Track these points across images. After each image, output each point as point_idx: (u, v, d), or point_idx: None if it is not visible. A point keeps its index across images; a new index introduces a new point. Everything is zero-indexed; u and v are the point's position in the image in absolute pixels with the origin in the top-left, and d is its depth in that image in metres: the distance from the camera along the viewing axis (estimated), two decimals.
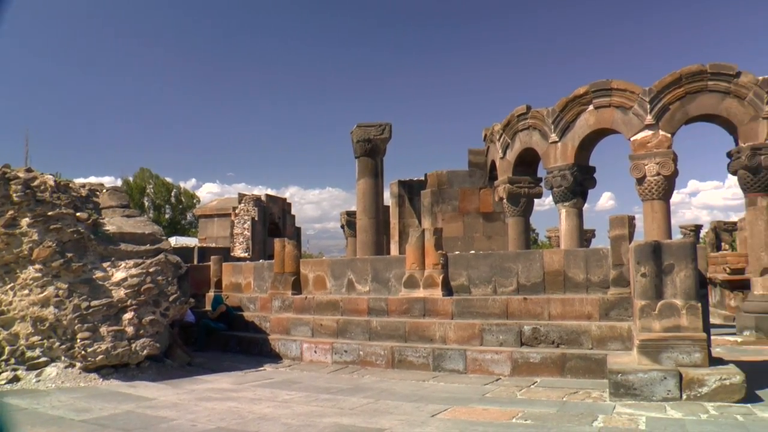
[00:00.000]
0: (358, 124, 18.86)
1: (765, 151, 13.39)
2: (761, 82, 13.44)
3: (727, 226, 36.45)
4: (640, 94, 14.21)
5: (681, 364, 7.28)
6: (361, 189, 18.88)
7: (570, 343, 9.36)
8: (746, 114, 13.59)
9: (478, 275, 10.95)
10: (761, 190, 13.66)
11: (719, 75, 13.74)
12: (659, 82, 14.13)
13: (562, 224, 15.75)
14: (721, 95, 13.79)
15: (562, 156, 15.43)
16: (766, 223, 13.64)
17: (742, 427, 5.91)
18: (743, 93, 13.56)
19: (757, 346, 12.35)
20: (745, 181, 13.76)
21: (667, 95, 14.03)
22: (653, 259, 7.66)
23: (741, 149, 13.70)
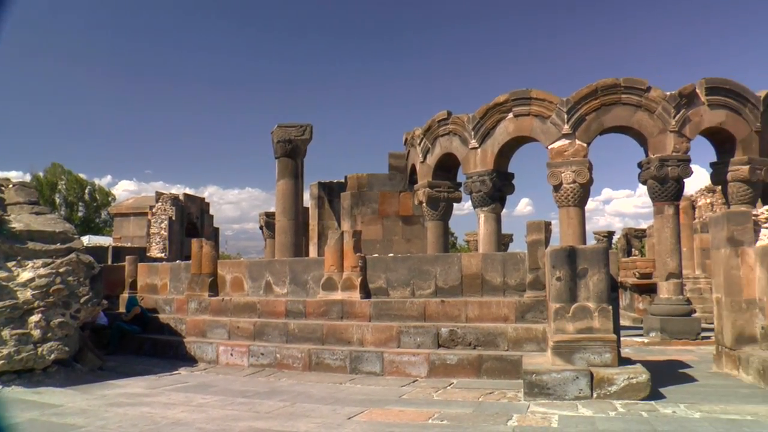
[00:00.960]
0: (279, 125, 18.67)
1: (672, 163, 14.02)
2: (669, 97, 14.08)
3: (637, 232, 37.93)
4: (558, 105, 14.61)
5: (592, 364, 7.52)
6: (280, 190, 18.69)
7: (486, 344, 9.50)
8: (655, 127, 14.19)
9: (396, 278, 11.00)
10: (668, 199, 14.29)
11: (632, 89, 14.32)
12: (576, 93, 14.57)
13: (481, 229, 16.00)
14: (633, 108, 14.35)
15: (481, 162, 15.69)
16: (672, 230, 14.26)
17: (647, 423, 6.16)
18: (653, 107, 14.17)
19: (661, 346, 12.92)
20: (653, 190, 14.35)
21: (583, 106, 14.48)
22: (568, 263, 7.87)
23: (650, 160, 14.30)
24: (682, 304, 14.06)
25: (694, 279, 21.55)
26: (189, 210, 28.05)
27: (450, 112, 16.48)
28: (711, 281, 11.27)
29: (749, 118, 14.49)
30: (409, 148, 18.69)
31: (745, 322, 9.19)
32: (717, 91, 14.33)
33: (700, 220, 23.46)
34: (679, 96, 14.12)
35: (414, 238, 18.96)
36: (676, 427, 6.00)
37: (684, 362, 10.41)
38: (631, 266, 22.54)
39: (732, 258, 9.32)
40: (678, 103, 14.10)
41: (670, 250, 14.25)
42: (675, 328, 13.55)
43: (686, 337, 13.38)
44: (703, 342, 12.98)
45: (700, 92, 14.25)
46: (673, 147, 14.09)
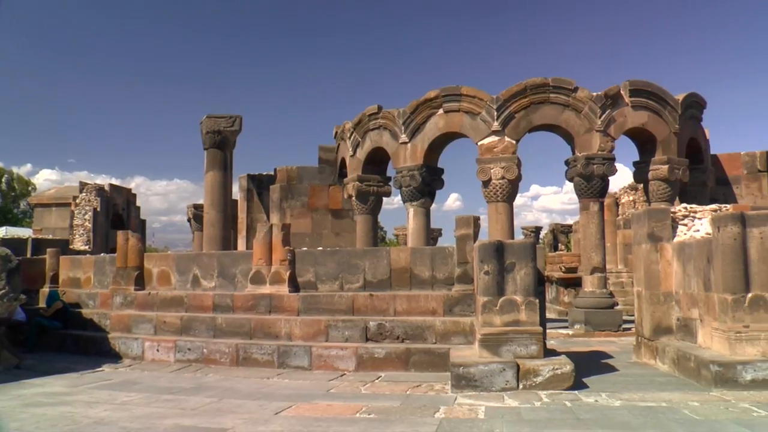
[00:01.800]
0: (208, 115, 18.30)
1: (597, 161, 14.45)
2: (595, 97, 14.50)
3: (563, 228, 38.86)
4: (488, 102, 14.80)
5: (519, 356, 7.66)
6: (209, 182, 18.34)
7: (415, 338, 9.56)
8: (582, 126, 14.57)
9: (325, 272, 10.95)
10: (594, 196, 14.71)
11: (560, 89, 14.66)
12: (506, 91, 14.80)
13: (410, 223, 16.09)
14: (561, 107, 14.70)
15: (411, 156, 15.76)
16: (597, 226, 14.67)
17: (570, 412, 6.34)
18: (580, 107, 14.55)
19: (585, 338, 13.29)
20: (580, 187, 14.74)
21: (513, 104, 14.73)
22: (496, 257, 7.99)
23: (577, 158, 14.67)
24: (605, 297, 14.49)
25: (617, 273, 22.21)
26: (115, 201, 27.28)
27: (381, 106, 16.49)
28: (633, 275, 11.65)
29: (669, 120, 15.05)
30: (340, 142, 18.63)
31: (662, 314, 9.53)
32: (640, 93, 14.84)
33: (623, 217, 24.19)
34: (604, 97, 14.54)
35: (343, 231, 18.93)
36: (598, 415, 6.18)
37: (606, 353, 10.73)
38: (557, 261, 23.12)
39: (652, 253, 9.64)
40: (604, 104, 14.52)
41: (594, 246, 14.65)
42: (598, 320, 13.95)
43: (609, 329, 13.80)
44: (625, 333, 13.41)
45: (624, 94, 14.72)
46: (599, 146, 14.51)
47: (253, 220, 19.90)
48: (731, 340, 7.68)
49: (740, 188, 18.19)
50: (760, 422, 5.85)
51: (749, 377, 7.28)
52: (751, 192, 18.10)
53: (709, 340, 8.32)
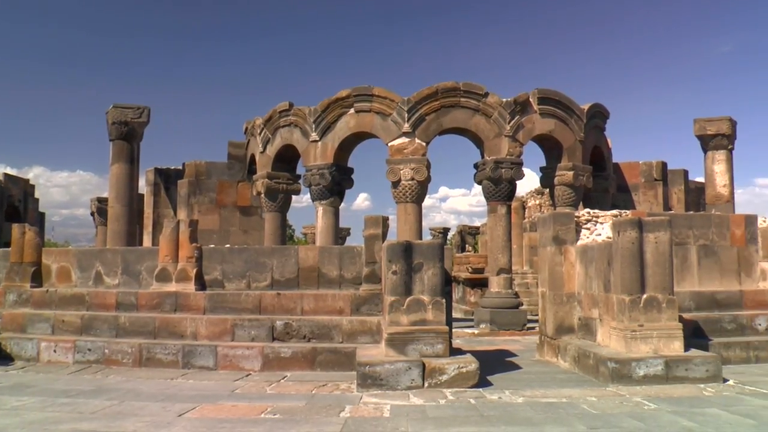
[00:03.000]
0: (115, 105, 17.65)
1: (506, 165, 14.82)
2: (505, 104, 14.87)
3: (471, 229, 39.61)
4: (400, 103, 14.91)
5: (425, 355, 7.73)
6: (114, 174, 17.71)
7: (321, 337, 9.51)
8: (492, 131, 14.90)
9: (232, 269, 10.76)
10: (501, 199, 15.07)
11: (471, 93, 14.94)
12: (417, 93, 14.95)
13: (319, 222, 16.03)
14: (471, 112, 14.98)
15: (321, 155, 15.70)
16: (504, 228, 15.02)
17: (474, 409, 6.45)
18: (490, 112, 14.88)
19: (491, 337, 13.57)
20: (488, 190, 15.07)
21: (424, 106, 14.90)
22: (404, 257, 8.03)
23: (486, 162, 14.99)
24: (510, 297, 14.83)
25: (522, 274, 22.78)
26: (10, 192, 25.89)
27: (292, 103, 16.35)
28: (538, 276, 11.95)
29: (575, 128, 15.60)
30: (250, 138, 18.36)
31: (565, 314, 9.85)
32: (548, 101, 15.33)
33: (530, 220, 24.89)
34: (514, 103, 14.92)
35: (251, 229, 18.68)
36: (501, 412, 6.31)
37: (511, 351, 10.98)
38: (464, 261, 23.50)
39: (556, 255, 9.94)
40: (513, 110, 14.91)
41: (501, 247, 14.99)
42: (504, 319, 14.27)
43: (514, 328, 14.14)
44: (529, 332, 13.75)
45: (533, 101, 15.17)
46: (507, 150, 14.87)
47: (159, 216, 19.33)
48: (627, 338, 8.02)
49: (638, 195, 19.06)
50: (650, 415, 6.18)
51: (642, 373, 7.67)
52: (648, 199, 18.99)
53: (607, 338, 8.65)
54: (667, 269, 8.23)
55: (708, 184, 19.38)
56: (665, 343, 8.02)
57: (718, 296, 10.45)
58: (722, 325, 10.05)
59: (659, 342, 8.02)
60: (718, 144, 19.02)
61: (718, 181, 19.07)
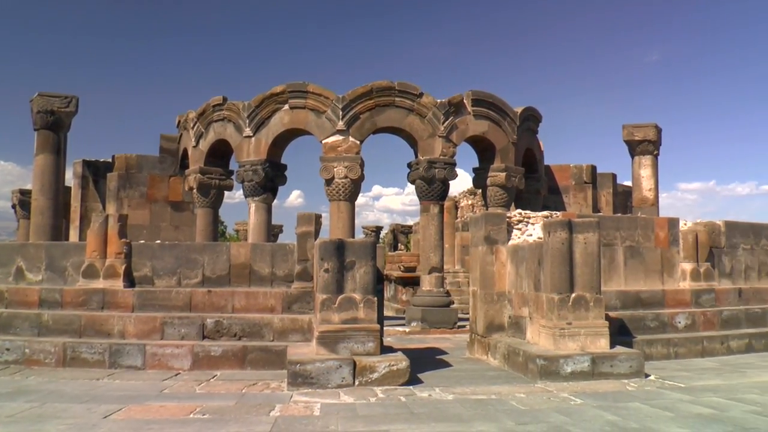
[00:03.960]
0: (40, 93, 16.97)
1: (439, 165, 14.93)
2: (439, 104, 14.98)
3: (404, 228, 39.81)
4: (334, 101, 14.86)
5: (356, 353, 7.74)
6: (39, 165, 17.05)
7: (252, 335, 9.40)
8: (426, 131, 14.99)
9: (163, 266, 10.53)
10: (434, 198, 15.18)
11: (405, 93, 15.00)
12: (352, 91, 14.92)
13: (251, 218, 15.84)
14: (406, 111, 15.04)
15: (255, 151, 15.52)
16: (436, 228, 15.13)
17: (404, 407, 6.49)
18: (424, 112, 14.96)
19: (422, 335, 13.65)
20: (421, 190, 15.15)
21: (358, 105, 14.88)
22: (337, 255, 8.01)
23: (420, 161, 15.08)
24: (442, 296, 14.95)
25: (454, 273, 23.02)
26: None
27: (226, 97, 16.10)
28: (469, 275, 12.09)
29: (508, 130, 15.85)
30: (182, 132, 17.99)
31: (495, 312, 9.99)
32: (481, 103, 15.50)
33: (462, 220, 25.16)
34: (448, 104, 15.04)
35: (183, 225, 18.30)
36: (431, 409, 6.36)
37: (441, 349, 11.06)
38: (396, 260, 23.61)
39: (488, 255, 10.07)
40: (447, 111, 15.02)
41: (433, 246, 15.10)
42: (435, 318, 14.38)
43: (445, 327, 14.25)
44: (459, 330, 13.90)
45: (467, 103, 15.32)
46: (441, 151, 14.99)
47: (87, 210, 18.72)
48: (556, 336, 8.20)
49: (569, 197, 19.49)
50: (576, 410, 6.37)
51: (569, 369, 7.88)
52: (578, 201, 19.45)
53: (536, 336, 8.81)
54: (595, 269, 8.45)
55: (635, 188, 19.97)
56: (592, 341, 8.25)
57: (642, 295, 10.82)
58: (646, 323, 10.42)
59: (586, 339, 8.24)
60: (644, 149, 19.60)
61: (644, 185, 19.65)
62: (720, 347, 10.60)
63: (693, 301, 11.19)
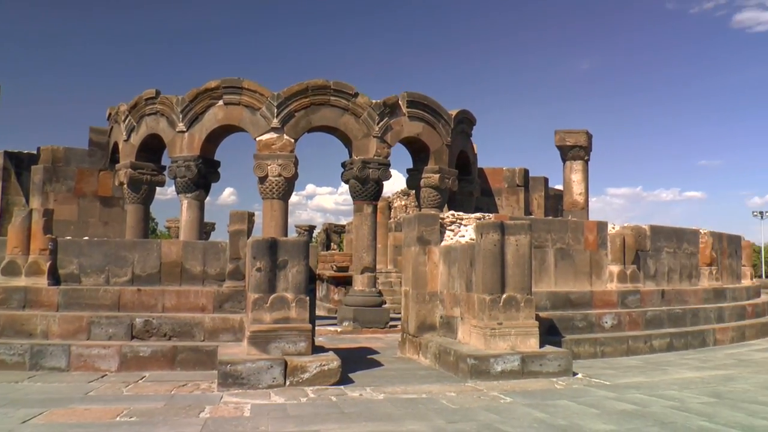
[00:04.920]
0: None
1: (373, 165, 14.97)
2: (374, 105, 15.02)
3: (337, 228, 39.76)
4: (269, 98, 14.73)
5: (287, 353, 7.71)
6: None
7: (183, 335, 9.24)
8: (360, 131, 15.01)
9: (90, 263, 10.23)
10: (368, 198, 15.20)
11: (341, 93, 14.98)
12: (288, 89, 14.82)
13: (184, 215, 15.57)
14: (341, 111, 15.03)
15: (188, 146, 15.25)
16: (369, 227, 15.16)
17: (335, 407, 6.50)
18: (359, 112, 14.98)
19: (354, 335, 13.66)
20: (355, 189, 15.16)
21: (294, 103, 14.80)
22: (269, 254, 7.96)
23: (354, 161, 15.09)
24: (374, 295, 14.99)
25: (386, 273, 23.12)
26: None
27: (159, 91, 15.76)
28: (402, 275, 12.15)
29: (442, 133, 16.01)
30: (113, 125, 17.52)
31: (427, 312, 10.08)
32: (416, 104, 15.63)
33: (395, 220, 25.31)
34: (383, 105, 15.10)
35: (112, 221, 17.86)
36: (362, 409, 6.39)
37: (373, 349, 11.10)
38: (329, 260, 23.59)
39: (420, 255, 10.15)
40: (382, 112, 15.08)
41: (366, 246, 15.13)
42: (367, 317, 14.41)
43: (376, 326, 14.30)
44: (391, 330, 13.97)
45: (402, 104, 15.41)
46: (375, 151, 15.04)
47: (9, 204, 18.05)
48: (487, 336, 8.33)
49: (501, 200, 19.86)
50: (505, 408, 6.50)
51: (499, 369, 8.03)
52: (510, 204, 19.83)
53: (468, 336, 8.93)
54: (526, 270, 8.62)
55: (566, 192, 20.45)
56: (522, 340, 8.42)
57: (571, 296, 11.10)
58: (574, 323, 10.70)
59: (517, 339, 8.40)
60: (575, 155, 20.09)
61: (575, 190, 20.14)
62: (644, 346, 10.97)
63: (619, 302, 11.55)
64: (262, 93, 14.83)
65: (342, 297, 17.36)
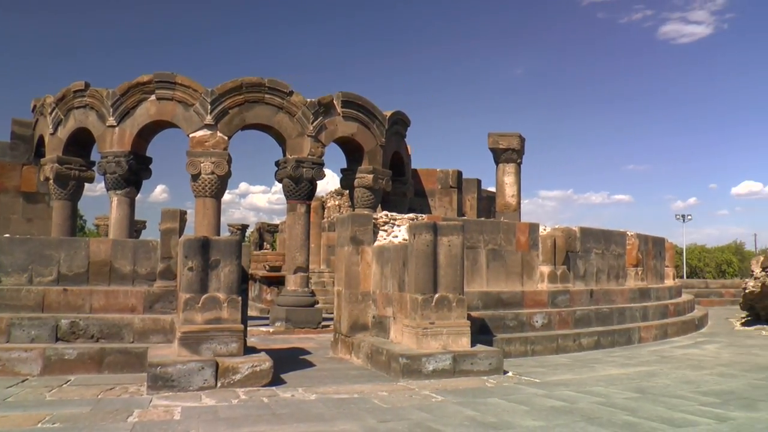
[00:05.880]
0: None
1: (307, 165, 14.93)
2: (309, 104, 14.98)
3: (270, 227, 39.43)
4: (203, 94, 14.52)
5: (219, 354, 7.61)
6: None
7: (111, 337, 9.00)
8: (294, 129, 14.95)
9: (12, 262, 9.86)
10: (301, 198, 15.15)
11: (275, 90, 14.88)
12: (222, 86, 14.63)
13: (113, 213, 15.18)
14: (275, 109, 14.93)
15: (119, 142, 14.88)
16: (303, 227, 15.10)
17: (266, 408, 6.47)
18: (294, 110, 14.92)
19: (286, 335, 13.60)
20: (288, 188, 15.08)
21: (228, 100, 14.61)
22: (201, 253, 7.85)
23: (288, 160, 15.01)
24: (306, 296, 14.95)
25: (319, 273, 23.07)
26: None
27: (88, 83, 15.30)
28: (334, 275, 12.16)
29: (376, 133, 16.07)
30: (39, 117, 16.93)
31: (360, 312, 10.12)
32: (351, 104, 15.65)
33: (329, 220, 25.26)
34: (318, 104, 15.07)
35: (37, 218, 17.27)
36: (294, 410, 6.37)
37: (305, 349, 11.06)
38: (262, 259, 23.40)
39: (353, 255, 10.17)
40: (317, 111, 15.05)
41: (299, 246, 15.07)
42: (299, 317, 14.35)
43: (309, 326, 14.26)
44: (324, 330, 13.95)
45: (337, 104, 15.41)
46: (309, 150, 14.99)
47: None
48: (419, 335, 8.41)
49: (435, 201, 20.08)
50: (437, 406, 6.60)
51: (431, 368, 8.13)
52: (443, 205, 20.07)
53: (400, 335, 9.00)
54: (458, 271, 8.74)
55: (498, 194, 20.79)
56: (454, 340, 8.54)
57: (503, 296, 11.31)
58: (506, 322, 10.91)
59: (449, 338, 8.52)
60: (508, 157, 20.45)
61: (508, 192, 20.51)
62: (573, 344, 11.27)
63: (550, 301, 11.83)
64: (195, 89, 14.59)
65: (275, 297, 17.24)
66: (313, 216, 20.36)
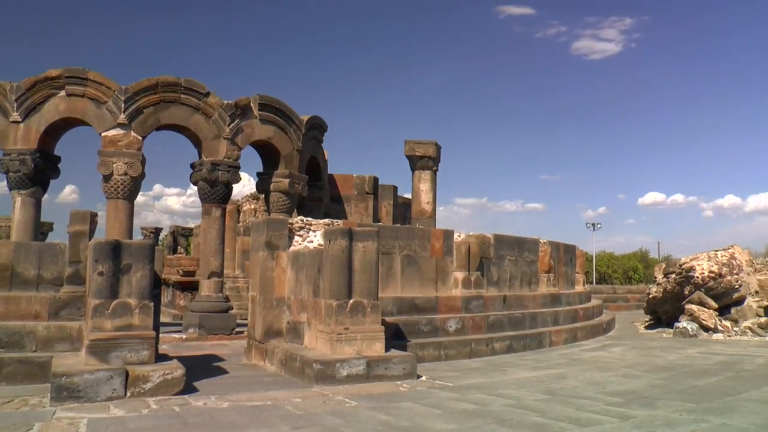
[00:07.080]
0: None
1: (223, 168, 14.75)
2: (226, 105, 14.81)
3: (184, 231, 38.66)
4: (117, 92, 14.12)
5: (129, 362, 7.41)
6: None
7: (11, 346, 8.54)
8: (211, 131, 14.74)
9: None
10: (217, 201, 14.94)
11: (192, 91, 14.63)
12: (136, 84, 14.28)
13: (17, 214, 14.55)
14: (191, 110, 14.68)
15: (24, 139, 14.26)
16: (218, 231, 14.90)
17: (178, 417, 6.34)
18: (210, 112, 14.70)
19: (199, 342, 13.37)
20: (204, 191, 14.84)
21: (142, 98, 14.27)
22: (112, 258, 7.64)
23: (203, 162, 14.78)
24: (220, 301, 14.73)
25: (234, 278, 22.72)
26: None
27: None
28: (249, 281, 12.05)
29: (293, 137, 16.03)
30: None
31: (274, 318, 10.06)
32: (268, 108, 15.56)
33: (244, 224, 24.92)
34: (235, 106, 14.91)
35: None
36: (206, 418, 6.29)
37: (219, 356, 10.91)
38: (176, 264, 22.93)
39: (268, 260, 10.11)
40: (233, 113, 14.89)
41: (214, 250, 14.84)
42: (213, 324, 14.12)
43: (223, 333, 14.05)
44: (237, 336, 13.77)
45: (254, 107, 15.29)
46: (226, 153, 14.82)
47: None
48: (333, 341, 8.44)
49: (351, 206, 20.15)
50: (350, 411, 6.66)
51: (345, 373, 8.17)
52: (359, 211, 20.16)
53: (314, 341, 9.00)
54: (373, 276, 8.81)
55: (414, 201, 21.05)
56: (368, 345, 8.60)
57: (417, 301, 11.47)
58: (420, 328, 11.07)
59: (363, 344, 8.57)
60: (424, 165, 20.76)
61: (423, 198, 20.80)
62: (486, 349, 11.53)
63: (464, 307, 12.07)
64: (108, 86, 14.17)
65: (188, 303, 16.91)
66: (229, 220, 20.09)
